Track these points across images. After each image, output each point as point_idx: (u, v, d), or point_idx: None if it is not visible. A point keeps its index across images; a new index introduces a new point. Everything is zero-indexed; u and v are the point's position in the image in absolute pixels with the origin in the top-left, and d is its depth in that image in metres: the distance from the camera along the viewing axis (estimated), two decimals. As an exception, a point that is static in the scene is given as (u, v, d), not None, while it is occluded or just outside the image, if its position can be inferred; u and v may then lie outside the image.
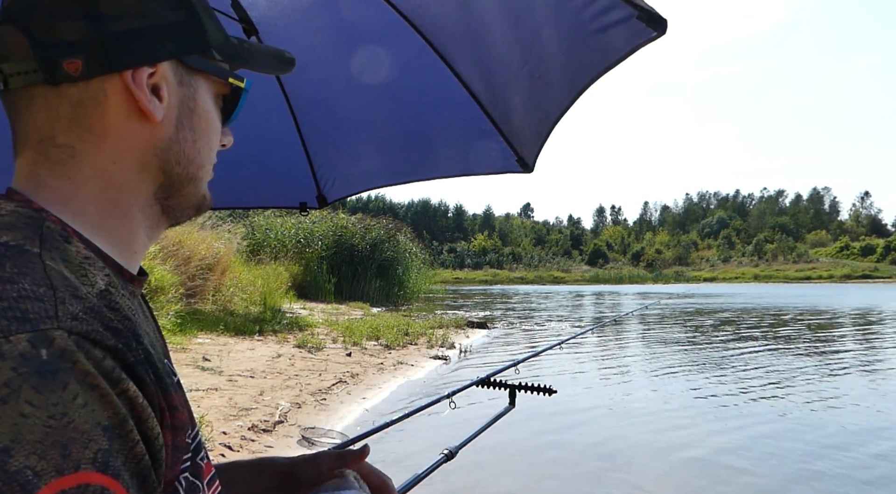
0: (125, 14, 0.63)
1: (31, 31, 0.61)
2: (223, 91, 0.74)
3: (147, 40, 0.64)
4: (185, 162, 0.69)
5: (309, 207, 2.04)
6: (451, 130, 1.74)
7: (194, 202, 0.73)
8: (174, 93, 0.67)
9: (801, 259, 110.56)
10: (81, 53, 0.61)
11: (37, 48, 0.61)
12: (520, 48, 1.37)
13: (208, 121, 0.71)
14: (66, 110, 0.62)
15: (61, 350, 0.45)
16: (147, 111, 0.64)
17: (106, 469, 0.44)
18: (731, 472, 4.79)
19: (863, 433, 5.87)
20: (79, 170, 0.63)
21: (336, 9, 1.57)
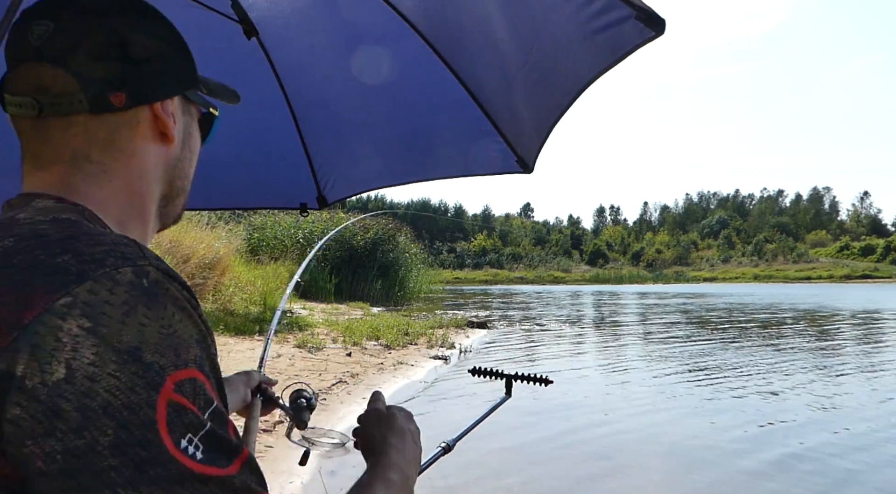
0: (150, 57, 0.76)
1: (75, 69, 0.72)
2: (203, 118, 0.88)
3: (167, 78, 0.78)
4: (184, 176, 0.84)
5: (309, 208, 2.04)
6: (451, 131, 1.75)
7: (180, 210, 0.87)
8: (181, 120, 0.81)
9: (801, 259, 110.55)
10: (125, 88, 0.74)
11: (84, 83, 0.72)
12: (519, 49, 1.37)
13: (197, 143, 0.86)
14: (103, 134, 0.74)
15: (156, 280, 0.59)
16: (170, 134, 0.79)
17: (202, 370, 0.58)
18: (732, 472, 4.79)
19: (868, 433, 5.88)
20: (109, 182, 0.75)
21: (336, 10, 1.57)
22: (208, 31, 1.61)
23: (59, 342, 0.51)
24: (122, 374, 0.52)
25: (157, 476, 0.51)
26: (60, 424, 0.50)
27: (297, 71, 1.74)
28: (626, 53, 1.21)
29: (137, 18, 0.77)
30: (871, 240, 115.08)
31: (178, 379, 0.55)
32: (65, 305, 0.53)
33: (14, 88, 0.73)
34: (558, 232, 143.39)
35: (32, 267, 0.56)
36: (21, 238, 0.60)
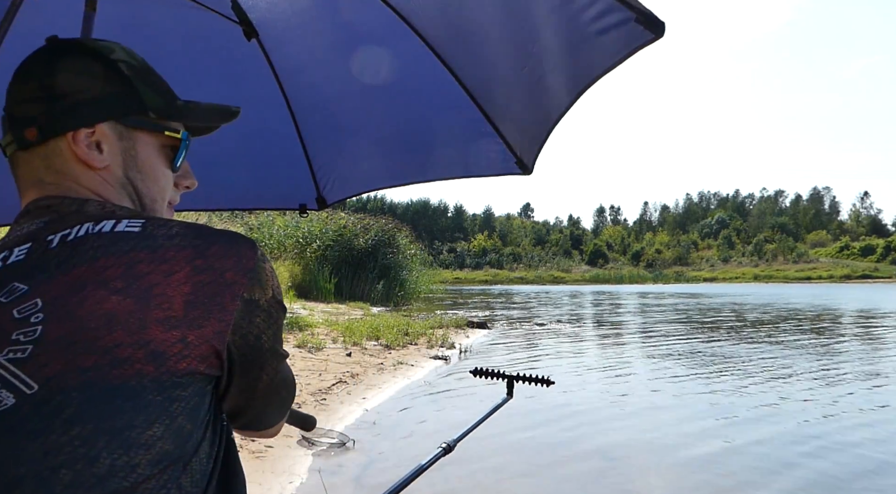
0: (71, 92, 0.87)
1: (11, 114, 0.88)
2: (171, 142, 0.96)
3: (85, 109, 0.88)
4: (141, 195, 0.94)
5: (308, 209, 2.04)
6: (451, 132, 1.75)
7: None
8: (116, 146, 0.90)
9: (801, 259, 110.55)
10: (35, 124, 0.87)
11: (13, 125, 0.88)
12: (519, 51, 1.37)
13: (153, 166, 0.94)
14: (38, 163, 0.88)
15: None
16: (88, 160, 0.88)
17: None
18: (733, 471, 4.80)
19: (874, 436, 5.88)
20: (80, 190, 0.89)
21: (336, 11, 1.57)
22: (208, 32, 1.61)
23: (267, 276, 0.84)
24: (279, 290, 0.86)
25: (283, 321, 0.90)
26: (270, 318, 0.84)
27: (297, 72, 1.75)
28: (626, 56, 1.21)
29: (67, 60, 0.89)
30: (871, 240, 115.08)
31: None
32: (261, 256, 0.83)
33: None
34: (558, 232, 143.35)
35: (225, 236, 0.82)
36: (187, 222, 0.83)
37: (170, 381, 0.73)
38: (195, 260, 0.79)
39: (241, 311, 0.80)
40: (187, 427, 0.74)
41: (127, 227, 0.82)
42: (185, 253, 0.79)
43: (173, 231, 0.81)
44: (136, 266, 0.77)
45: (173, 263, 0.78)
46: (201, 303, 0.77)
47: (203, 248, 0.80)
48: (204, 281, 0.78)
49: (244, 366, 0.83)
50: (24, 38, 1.39)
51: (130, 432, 0.70)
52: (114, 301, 0.74)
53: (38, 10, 1.39)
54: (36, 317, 0.75)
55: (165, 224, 0.82)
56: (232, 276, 0.80)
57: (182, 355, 0.74)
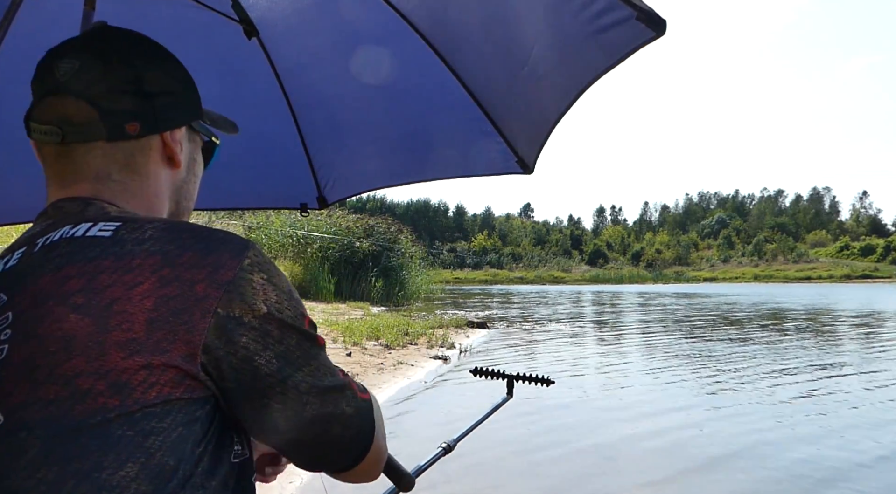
0: (162, 91, 0.87)
1: (96, 102, 0.83)
2: (205, 146, 0.99)
3: (176, 110, 0.89)
4: (189, 198, 0.96)
5: (309, 208, 2.04)
6: (451, 131, 1.74)
7: None
8: (186, 147, 0.93)
9: (801, 259, 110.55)
10: (139, 119, 0.85)
11: (104, 114, 0.83)
12: (520, 49, 1.37)
13: (200, 168, 0.98)
14: (120, 158, 0.86)
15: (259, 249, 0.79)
16: (177, 160, 0.90)
17: None
18: (734, 471, 4.79)
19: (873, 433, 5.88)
20: (133, 198, 0.87)
21: (336, 10, 1.57)
22: (209, 31, 1.61)
23: (254, 289, 0.73)
24: (290, 306, 0.76)
25: (316, 351, 0.79)
26: (270, 339, 0.73)
27: (298, 71, 1.74)
28: (627, 54, 1.21)
29: (152, 59, 0.88)
30: (870, 240, 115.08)
31: (304, 306, 0.79)
32: (249, 265, 0.73)
33: (40, 117, 0.85)
34: (558, 232, 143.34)
35: (206, 239, 0.74)
36: (168, 223, 0.76)
37: (141, 414, 0.66)
38: (162, 269, 0.70)
39: (216, 330, 0.69)
40: (169, 464, 0.66)
41: (99, 231, 0.74)
42: (151, 262, 0.70)
43: (146, 234, 0.73)
44: (99, 277, 0.69)
45: (137, 273, 0.69)
46: (165, 322, 0.67)
47: (174, 255, 0.71)
48: (169, 296, 0.68)
49: (243, 394, 0.73)
50: (23, 37, 1.39)
51: (100, 474, 0.64)
52: (72, 320, 0.67)
53: (38, 9, 1.39)
54: (5, 334, 0.70)
55: (142, 226, 0.74)
56: (203, 289, 0.69)
57: (149, 383, 0.66)
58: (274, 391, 0.74)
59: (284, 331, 0.74)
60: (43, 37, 1.45)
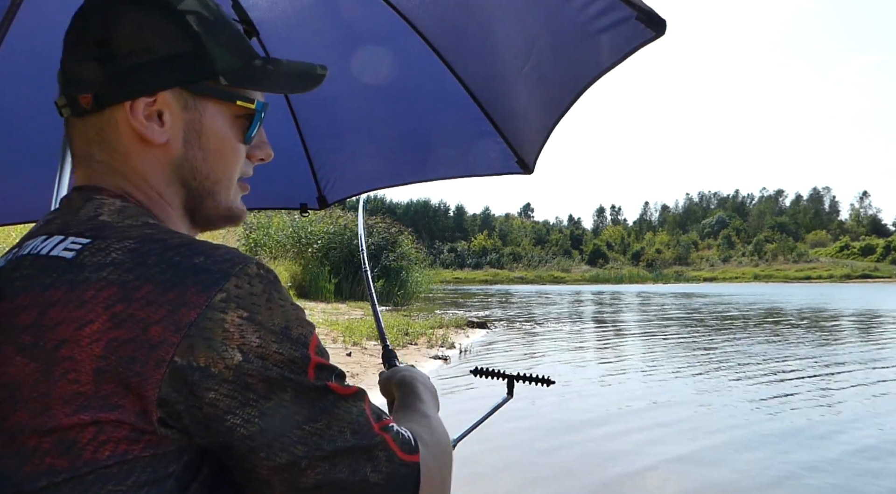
0: (133, 51, 0.72)
1: (65, 71, 0.75)
2: (244, 111, 0.79)
3: (147, 74, 0.72)
4: (200, 177, 0.78)
5: (309, 208, 2.04)
6: (452, 131, 1.74)
7: (220, 213, 0.82)
8: (178, 117, 0.75)
9: (801, 259, 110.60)
10: (91, 89, 0.72)
11: (65, 86, 0.75)
12: (520, 49, 1.37)
13: (219, 141, 0.78)
14: (92, 134, 0.74)
15: (266, 269, 0.66)
16: (144, 136, 0.73)
17: (314, 326, 0.68)
18: (734, 471, 4.79)
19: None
20: (126, 180, 0.75)
21: (337, 10, 1.57)
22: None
23: (226, 332, 0.59)
24: (284, 350, 0.62)
25: (327, 404, 0.65)
26: (251, 395, 0.60)
27: (298, 71, 1.74)
28: (627, 54, 1.21)
29: (128, 10, 0.73)
30: (870, 239, 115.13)
31: (315, 342, 0.66)
32: (222, 301, 0.60)
33: None
34: (558, 232, 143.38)
35: (174, 268, 0.61)
36: (142, 241, 0.64)
37: (93, 476, 0.57)
38: (115, 305, 0.58)
39: (172, 383, 0.57)
40: None
41: (64, 249, 0.64)
42: (106, 295, 0.59)
43: (109, 257, 0.62)
44: (49, 311, 0.59)
45: (89, 309, 0.59)
46: (115, 373, 0.57)
47: (131, 288, 0.59)
48: (121, 340, 0.57)
49: (220, 452, 0.62)
50: (23, 37, 1.39)
51: None
52: (18, 364, 0.59)
53: (38, 9, 1.39)
54: None
55: (108, 246, 0.63)
56: (159, 333, 0.57)
57: (99, 441, 0.57)
58: (258, 455, 0.61)
59: (272, 385, 0.61)
60: (43, 37, 1.45)
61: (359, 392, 0.68)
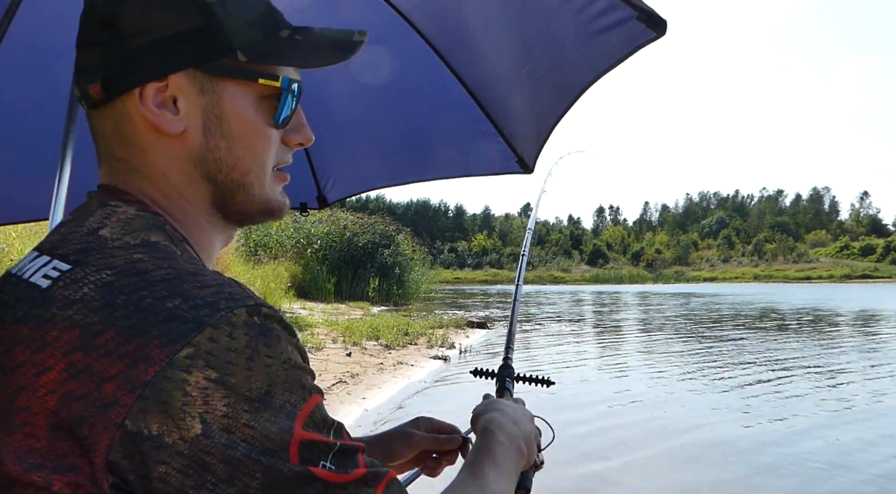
0: (139, 31, 0.64)
1: (78, 61, 0.67)
2: (272, 91, 0.70)
3: (155, 55, 0.64)
4: (226, 169, 0.69)
5: (309, 208, 2.04)
6: (452, 131, 1.74)
7: (255, 208, 0.73)
8: (195, 103, 0.66)
9: (801, 259, 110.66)
10: (98, 77, 0.65)
11: (77, 75, 0.67)
12: (521, 49, 1.37)
13: (245, 126, 0.69)
14: (110, 128, 0.67)
15: (266, 315, 0.56)
16: (157, 126, 0.65)
17: (320, 392, 0.58)
18: (735, 471, 4.79)
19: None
20: (147, 180, 0.68)
21: (336, 10, 1.57)
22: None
23: (188, 396, 0.50)
24: (257, 423, 0.51)
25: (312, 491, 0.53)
26: (209, 476, 0.50)
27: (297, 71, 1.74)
28: (628, 54, 1.21)
29: None
30: (870, 240, 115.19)
31: (308, 412, 0.55)
32: (187, 357, 0.51)
33: None
34: (558, 232, 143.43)
35: (142, 312, 0.52)
36: (120, 273, 0.55)
37: None
38: (74, 352, 0.51)
39: (121, 447, 0.49)
40: None
41: (42, 277, 0.57)
42: (68, 338, 0.52)
43: (81, 292, 0.54)
44: (14, 349, 0.54)
45: (50, 353, 0.52)
46: (68, 431, 0.50)
47: (94, 333, 0.52)
48: (74, 395, 0.50)
49: None
50: (23, 36, 1.39)
51: None
52: None
53: (38, 9, 1.39)
54: None
55: (84, 277, 0.55)
56: (112, 391, 0.50)
57: None
58: None
59: (237, 467, 0.50)
60: (43, 35, 1.45)
61: (369, 475, 0.56)
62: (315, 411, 0.55)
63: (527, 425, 0.94)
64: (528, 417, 0.98)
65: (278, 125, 0.71)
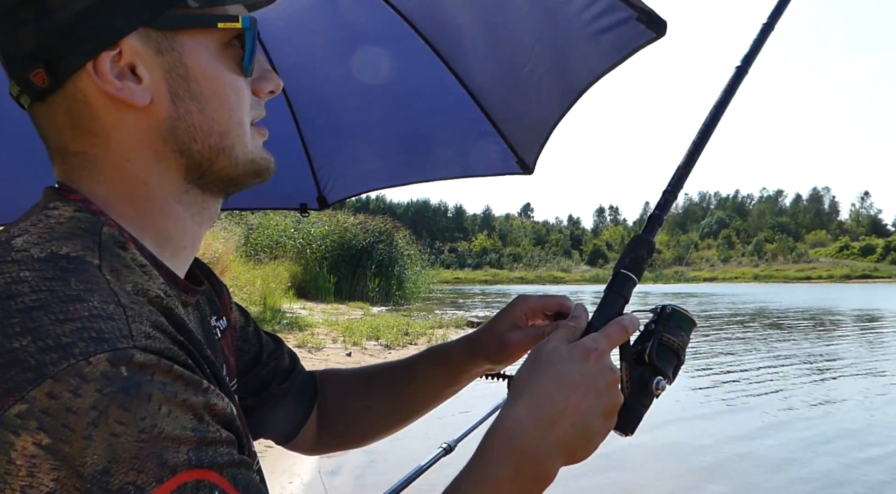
0: (67, 2, 0.56)
1: (4, 52, 0.59)
2: (230, 36, 0.63)
3: (96, 20, 0.56)
4: (202, 135, 0.62)
5: (309, 208, 2.04)
6: (451, 132, 1.75)
7: (241, 171, 0.67)
8: (156, 66, 0.59)
9: (801, 259, 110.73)
10: (39, 61, 0.57)
11: (10, 68, 0.60)
12: (520, 50, 1.37)
13: (214, 82, 0.62)
14: (62, 120, 0.60)
15: (140, 365, 0.45)
16: (121, 99, 0.58)
17: (201, 464, 0.46)
18: (735, 471, 4.79)
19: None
20: (102, 174, 0.61)
21: (336, 10, 1.57)
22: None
23: (12, 464, 0.41)
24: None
25: None
26: None
27: (297, 71, 1.74)
28: (627, 55, 1.21)
29: None
30: (870, 240, 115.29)
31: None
32: (19, 415, 0.42)
33: None
34: (558, 232, 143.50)
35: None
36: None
37: None
38: None
39: None
40: None
41: None
42: None
43: None
44: None
45: None
46: None
47: None
48: None
49: None
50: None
51: None
52: None
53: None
54: None
55: None
56: None
57: None
58: None
59: None
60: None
61: None
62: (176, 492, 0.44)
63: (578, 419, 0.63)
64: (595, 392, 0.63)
65: (247, 73, 0.66)
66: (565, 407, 0.62)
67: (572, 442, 0.64)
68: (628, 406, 0.70)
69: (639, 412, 0.71)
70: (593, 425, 0.64)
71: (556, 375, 0.64)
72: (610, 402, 0.65)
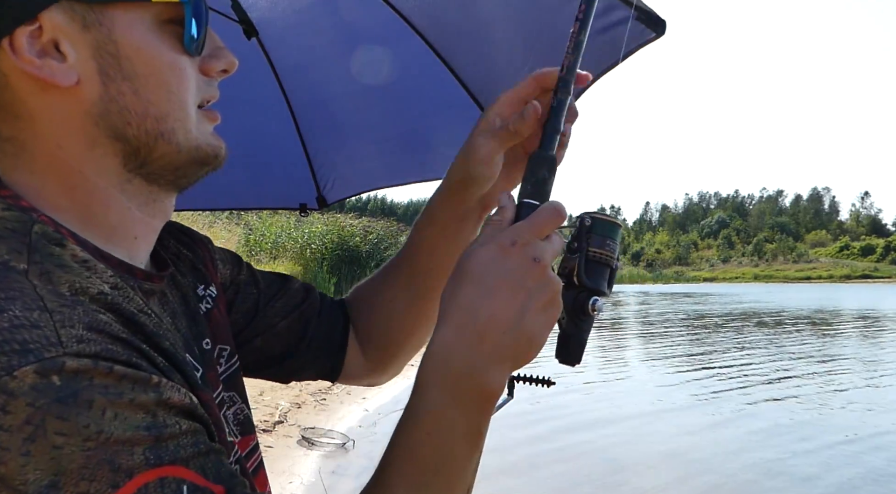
0: None
1: None
2: (169, 12, 0.57)
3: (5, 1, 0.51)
4: (137, 119, 0.57)
5: (309, 208, 2.04)
6: (451, 131, 1.74)
7: (183, 158, 0.61)
8: (82, 43, 0.54)
9: (801, 259, 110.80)
10: None
11: None
12: (519, 49, 1.37)
13: (150, 60, 0.57)
14: None
15: (74, 371, 0.42)
16: (43, 80, 0.53)
17: (161, 462, 0.44)
18: (735, 472, 4.79)
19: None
20: (34, 161, 0.56)
21: (336, 10, 1.57)
22: (208, 31, 1.61)
23: None
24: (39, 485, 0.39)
25: None
26: None
27: (297, 71, 1.75)
28: (627, 55, 1.21)
29: None
30: (870, 240, 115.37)
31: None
32: None
33: None
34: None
35: None
36: None
37: None
38: None
39: None
40: None
41: None
42: None
43: None
44: None
45: None
46: None
47: None
48: None
49: None
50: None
51: None
52: None
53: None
54: None
55: None
56: None
57: None
58: None
59: None
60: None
61: None
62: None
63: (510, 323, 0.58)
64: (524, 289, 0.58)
65: (190, 51, 0.59)
66: (491, 314, 0.58)
67: (511, 348, 0.60)
68: (569, 335, 0.67)
69: (581, 338, 0.67)
70: (530, 324, 0.59)
71: (476, 281, 0.58)
72: (543, 294, 0.59)
